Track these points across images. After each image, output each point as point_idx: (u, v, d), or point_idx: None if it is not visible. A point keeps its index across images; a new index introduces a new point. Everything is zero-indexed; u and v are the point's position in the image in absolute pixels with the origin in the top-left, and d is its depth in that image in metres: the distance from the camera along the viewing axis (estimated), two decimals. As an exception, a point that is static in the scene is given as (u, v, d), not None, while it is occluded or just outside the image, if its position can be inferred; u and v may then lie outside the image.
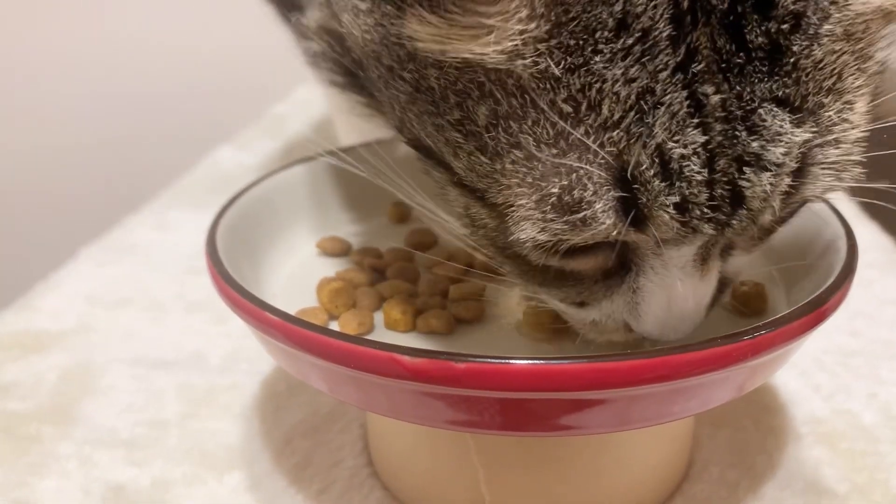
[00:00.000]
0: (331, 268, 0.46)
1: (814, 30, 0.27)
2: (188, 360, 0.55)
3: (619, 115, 0.27)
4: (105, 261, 0.69)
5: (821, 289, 0.34)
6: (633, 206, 0.28)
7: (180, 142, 1.01)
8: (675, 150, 0.27)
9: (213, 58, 1.10)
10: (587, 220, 0.28)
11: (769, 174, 0.28)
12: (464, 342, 0.39)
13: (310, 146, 0.48)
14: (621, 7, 0.26)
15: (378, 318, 0.41)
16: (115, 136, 1.11)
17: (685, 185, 0.27)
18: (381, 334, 0.40)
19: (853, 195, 0.32)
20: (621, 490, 0.40)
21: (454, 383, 0.30)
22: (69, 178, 1.10)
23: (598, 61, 0.27)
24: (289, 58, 0.56)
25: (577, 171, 0.28)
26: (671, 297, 0.32)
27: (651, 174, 0.27)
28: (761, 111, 0.27)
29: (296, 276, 0.45)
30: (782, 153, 0.28)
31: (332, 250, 0.47)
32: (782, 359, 0.35)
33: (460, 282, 0.43)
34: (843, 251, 0.37)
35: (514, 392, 0.30)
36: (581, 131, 0.27)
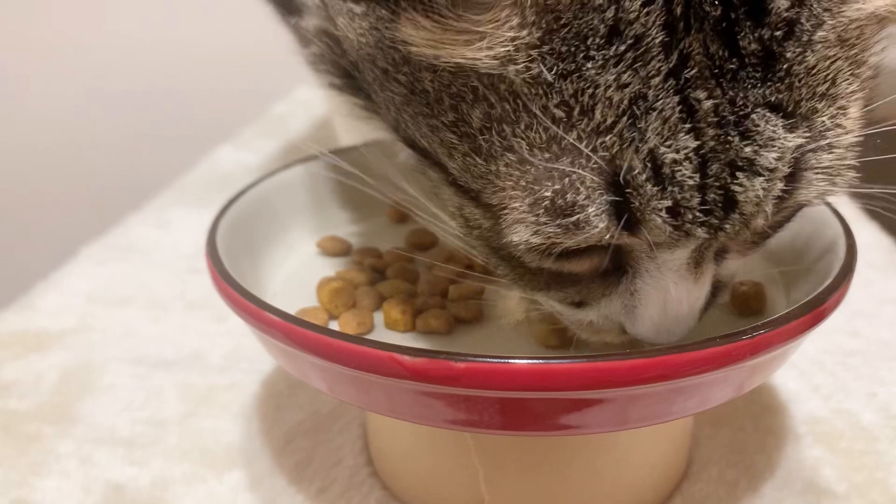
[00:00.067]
0: (331, 267, 0.46)
1: (807, 36, 0.28)
2: (188, 359, 0.55)
3: (611, 120, 0.27)
4: (105, 260, 0.69)
5: (820, 288, 0.34)
6: (625, 209, 0.28)
7: (181, 141, 1.01)
8: (668, 154, 0.27)
9: (213, 57, 1.10)
10: (580, 223, 0.28)
11: (762, 179, 0.28)
12: (463, 342, 0.39)
13: (310, 146, 0.48)
14: (613, 14, 0.26)
15: (378, 317, 0.41)
16: (116, 135, 1.11)
17: (677, 190, 0.28)
18: (380, 334, 0.40)
19: (853, 197, 0.32)
20: (621, 489, 0.40)
21: (453, 383, 0.30)
22: (69, 178, 1.11)
23: (590, 67, 0.27)
24: (289, 58, 0.56)
25: (569, 176, 0.28)
26: (666, 300, 0.32)
27: (643, 178, 0.27)
28: (754, 116, 0.27)
29: (296, 276, 0.45)
30: (775, 158, 0.28)
31: (332, 250, 0.47)
32: (781, 358, 0.35)
33: (460, 282, 0.43)
34: (842, 251, 0.37)
35: (514, 391, 0.30)
36: (574, 136, 0.28)
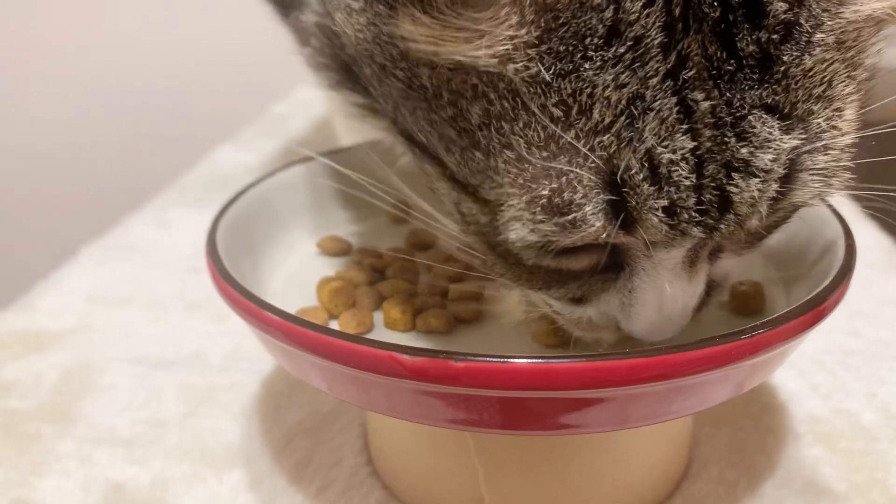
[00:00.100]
0: (331, 267, 0.46)
1: (805, 39, 0.28)
2: (188, 359, 0.55)
3: (609, 120, 0.27)
4: (105, 259, 0.69)
5: (819, 288, 0.34)
6: (622, 209, 0.28)
7: (181, 141, 1.01)
8: (664, 155, 0.27)
9: (213, 57, 1.10)
10: (577, 222, 0.28)
11: (757, 180, 0.28)
12: (463, 341, 0.39)
13: (310, 146, 0.48)
14: (612, 14, 0.26)
15: (378, 317, 0.41)
16: (116, 135, 1.11)
17: (673, 190, 0.28)
18: (380, 333, 0.40)
19: (853, 198, 0.32)
20: (620, 489, 0.40)
21: (453, 382, 0.30)
22: (69, 177, 1.11)
23: (588, 67, 0.27)
24: (289, 58, 0.56)
25: (567, 174, 0.28)
26: (660, 298, 0.33)
27: (640, 178, 0.27)
28: (751, 118, 0.28)
29: (296, 276, 0.45)
30: (770, 159, 0.28)
31: (332, 250, 0.47)
32: (781, 358, 0.35)
33: (460, 281, 0.43)
34: (841, 251, 0.37)
35: (513, 391, 0.30)
36: (572, 135, 0.28)
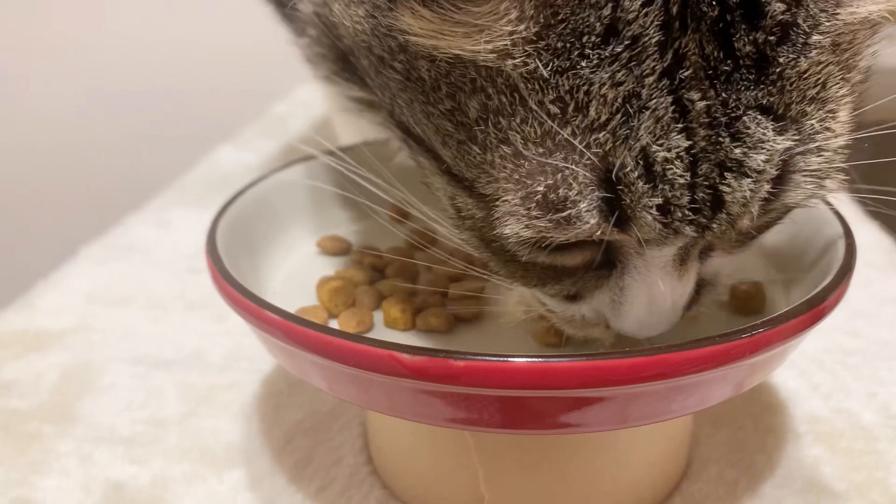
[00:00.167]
0: (330, 266, 0.46)
1: (801, 40, 0.28)
2: (188, 359, 0.55)
3: (605, 118, 0.27)
4: (105, 259, 0.69)
5: (819, 287, 0.34)
6: (616, 206, 0.28)
7: (181, 141, 1.01)
8: (659, 153, 0.27)
9: (213, 57, 1.10)
10: (571, 218, 0.28)
11: (749, 180, 0.28)
12: (463, 341, 0.39)
13: (310, 145, 0.48)
14: (610, 12, 0.27)
15: (378, 316, 0.41)
16: (116, 135, 1.11)
17: (668, 188, 0.28)
18: (380, 333, 0.40)
19: (854, 196, 0.32)
20: (620, 488, 0.40)
21: (453, 381, 0.30)
22: (69, 177, 1.11)
23: (585, 65, 0.27)
24: (289, 58, 0.56)
25: (562, 171, 0.28)
26: (651, 296, 0.33)
27: (635, 176, 0.28)
28: (745, 118, 0.28)
29: (295, 275, 0.45)
30: (763, 160, 0.28)
31: (332, 249, 0.47)
32: (781, 357, 0.35)
33: (459, 281, 0.43)
34: (841, 250, 0.37)
35: (513, 390, 0.30)
36: (568, 132, 0.28)
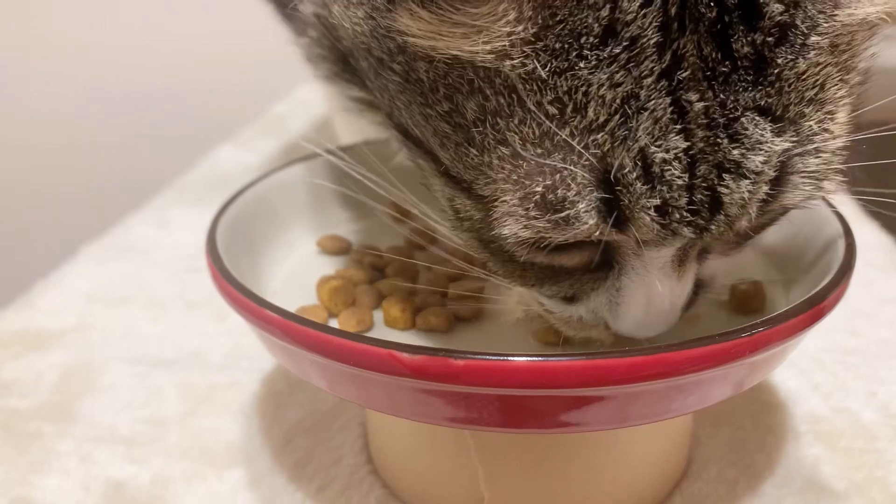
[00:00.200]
0: (330, 266, 0.46)
1: (800, 42, 0.28)
2: (188, 358, 0.55)
3: (603, 119, 0.27)
4: (105, 259, 0.69)
5: (819, 286, 0.34)
6: (615, 207, 0.28)
7: (181, 141, 1.01)
8: (658, 154, 0.27)
9: (213, 57, 1.10)
10: (570, 219, 0.28)
11: (747, 182, 0.28)
12: (463, 340, 0.39)
13: (310, 145, 0.48)
14: (608, 13, 0.27)
15: (378, 315, 0.41)
16: (116, 135, 1.11)
17: (666, 189, 0.28)
18: (380, 332, 0.40)
19: (855, 196, 0.32)
20: (620, 488, 0.40)
21: (452, 380, 0.30)
22: (69, 177, 1.11)
23: (583, 66, 0.27)
24: (289, 58, 0.56)
25: (561, 172, 0.28)
26: (649, 297, 0.33)
27: (633, 177, 0.28)
28: (743, 120, 0.28)
29: (295, 275, 0.45)
30: (762, 161, 0.28)
31: (332, 248, 0.47)
32: (781, 356, 0.35)
33: (459, 280, 0.43)
34: (841, 250, 0.37)
35: (513, 389, 0.30)
36: (566, 132, 0.28)
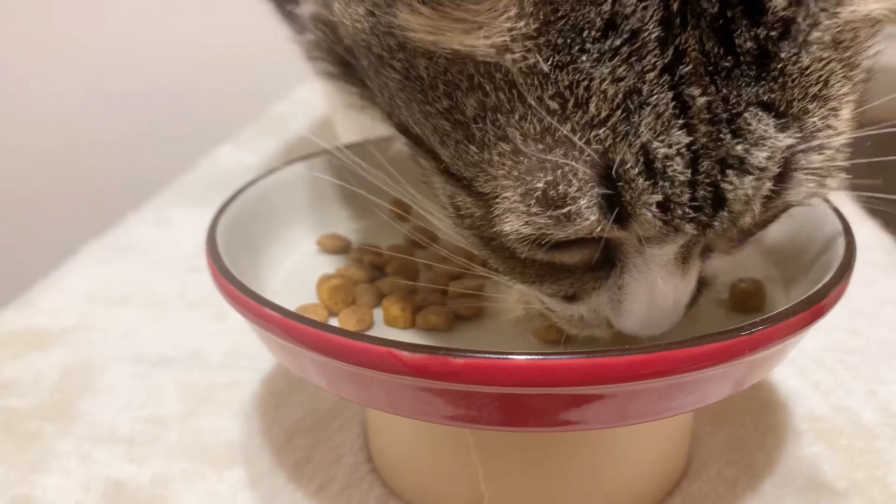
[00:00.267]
0: (330, 265, 0.46)
1: (802, 37, 0.28)
2: (188, 358, 0.55)
3: (605, 114, 0.27)
4: (105, 258, 0.69)
5: (819, 285, 0.34)
6: (616, 203, 0.28)
7: (181, 140, 1.01)
8: (660, 149, 0.27)
9: (213, 57, 1.10)
10: (571, 215, 0.28)
11: (751, 178, 0.28)
12: (463, 338, 0.39)
13: (310, 144, 0.48)
14: (609, 7, 0.27)
15: (378, 314, 0.41)
16: (116, 134, 1.11)
17: (668, 185, 0.28)
18: (380, 331, 0.40)
19: (855, 196, 0.32)
20: (620, 487, 0.40)
21: (452, 378, 0.30)
22: (70, 177, 1.11)
23: (585, 60, 0.27)
24: (289, 57, 0.56)
25: (562, 167, 0.28)
26: (652, 295, 0.33)
27: (635, 172, 0.27)
28: (747, 115, 0.28)
29: (296, 274, 0.45)
30: (765, 157, 0.28)
31: (332, 247, 0.47)
32: (780, 355, 0.35)
33: (459, 279, 0.43)
34: (841, 248, 0.37)
35: (513, 387, 0.30)
36: (568, 128, 0.28)
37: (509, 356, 0.29)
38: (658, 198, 0.28)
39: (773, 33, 0.27)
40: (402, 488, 0.43)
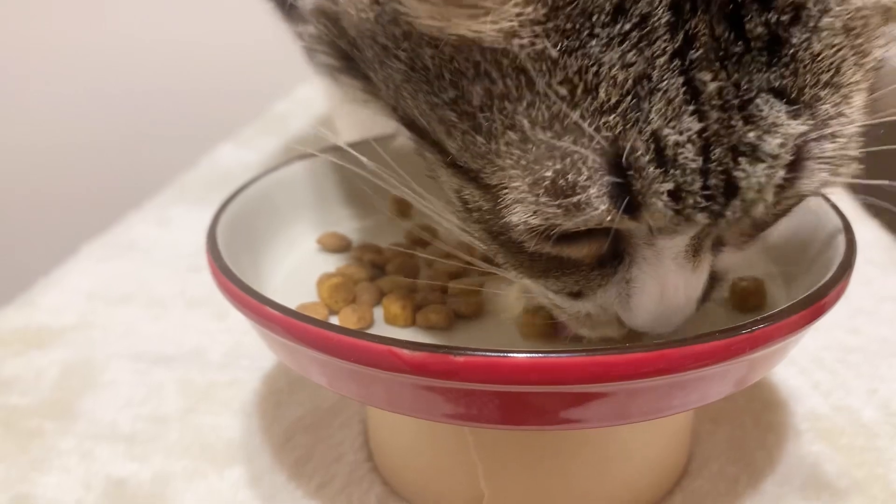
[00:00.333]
0: (331, 263, 0.46)
1: (813, 22, 0.27)
2: (189, 356, 0.55)
3: (615, 100, 0.27)
4: (106, 257, 0.69)
5: (819, 284, 0.34)
6: (627, 192, 0.27)
7: (182, 139, 1.01)
8: (671, 136, 0.27)
9: (214, 56, 1.10)
10: (580, 204, 0.28)
11: (764, 165, 0.27)
12: (463, 337, 0.39)
13: (311, 143, 0.48)
14: None
15: (378, 313, 0.41)
16: (117, 133, 1.11)
17: (679, 173, 0.27)
18: (380, 329, 0.40)
19: (854, 192, 0.31)
20: (620, 485, 0.40)
21: (453, 376, 0.30)
22: (71, 175, 1.11)
23: (594, 45, 0.27)
24: (290, 56, 0.56)
25: (571, 155, 0.28)
26: (663, 288, 0.32)
27: (646, 160, 0.27)
28: (758, 101, 0.27)
29: (296, 272, 0.45)
30: (778, 144, 0.27)
31: (333, 246, 0.47)
32: (781, 353, 0.35)
33: (459, 277, 0.43)
34: (841, 247, 0.37)
35: (513, 385, 0.30)
36: (577, 115, 0.27)
37: (510, 354, 0.29)
38: (669, 186, 0.27)
39: (783, 18, 0.27)
40: (403, 486, 0.43)
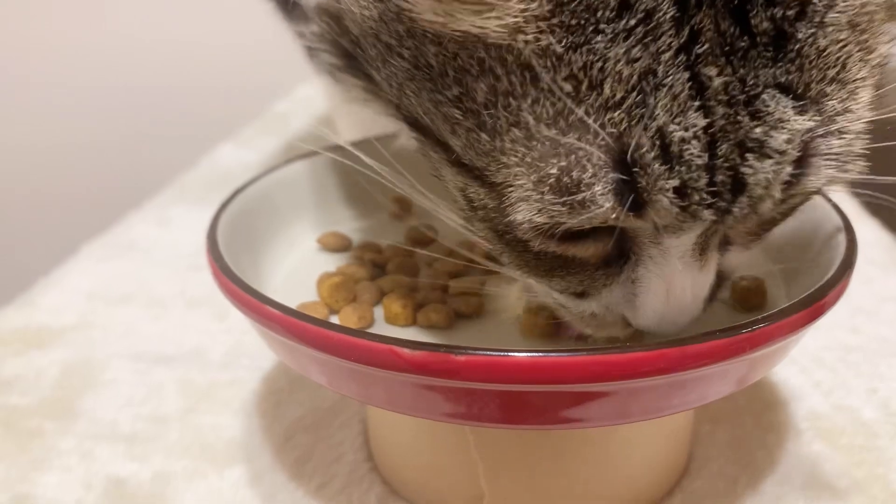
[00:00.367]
0: (331, 263, 0.46)
1: (819, 17, 0.27)
2: (189, 356, 0.55)
3: (620, 96, 0.27)
4: (106, 257, 0.69)
5: (820, 283, 0.34)
6: (632, 189, 0.27)
7: (182, 139, 1.01)
8: (676, 132, 0.27)
9: (214, 56, 1.10)
10: (586, 202, 0.28)
11: (771, 161, 0.27)
12: (463, 336, 0.39)
13: (311, 142, 0.48)
14: None
15: (378, 312, 0.41)
16: (117, 133, 1.12)
17: (685, 170, 0.27)
18: (381, 328, 0.40)
19: (855, 190, 0.31)
20: (620, 484, 0.40)
21: (453, 375, 0.30)
22: (71, 175, 1.11)
23: (599, 40, 0.26)
24: (290, 56, 0.56)
25: (576, 152, 0.27)
26: (669, 288, 0.32)
27: (651, 157, 0.27)
28: (764, 96, 0.27)
29: (296, 272, 0.45)
30: (785, 140, 0.27)
31: (333, 246, 0.47)
32: (781, 353, 0.35)
33: (460, 276, 0.43)
34: (842, 246, 0.37)
35: (513, 385, 0.30)
36: (582, 111, 0.27)
37: (510, 353, 0.29)
38: (675, 183, 0.27)
39: (789, 13, 0.27)
40: (403, 486, 0.43)
